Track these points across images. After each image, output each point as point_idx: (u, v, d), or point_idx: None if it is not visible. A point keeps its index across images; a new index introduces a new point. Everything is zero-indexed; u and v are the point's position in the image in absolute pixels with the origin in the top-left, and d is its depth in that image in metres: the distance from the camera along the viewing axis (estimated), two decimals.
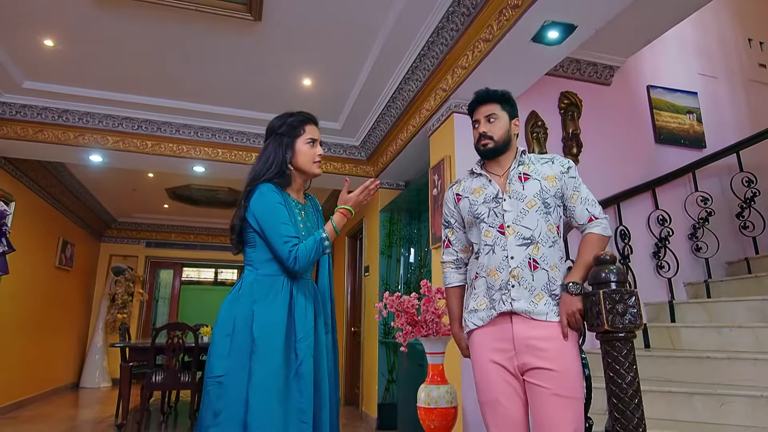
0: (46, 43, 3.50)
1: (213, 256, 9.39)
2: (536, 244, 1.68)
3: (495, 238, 1.72)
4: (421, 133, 3.94)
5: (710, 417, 2.36)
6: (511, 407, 1.64)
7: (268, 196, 1.71)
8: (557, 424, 1.55)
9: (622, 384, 1.52)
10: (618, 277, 1.58)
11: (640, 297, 3.54)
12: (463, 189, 1.88)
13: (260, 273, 1.71)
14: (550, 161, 1.80)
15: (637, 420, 1.47)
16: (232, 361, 1.58)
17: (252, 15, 3.11)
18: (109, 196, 7.30)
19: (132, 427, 4.63)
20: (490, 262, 1.72)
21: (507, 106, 1.83)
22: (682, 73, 4.26)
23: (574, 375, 1.60)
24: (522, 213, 1.71)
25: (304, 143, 1.85)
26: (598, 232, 1.71)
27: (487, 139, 1.79)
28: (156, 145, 4.60)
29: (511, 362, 1.65)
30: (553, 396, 1.56)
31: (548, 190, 1.73)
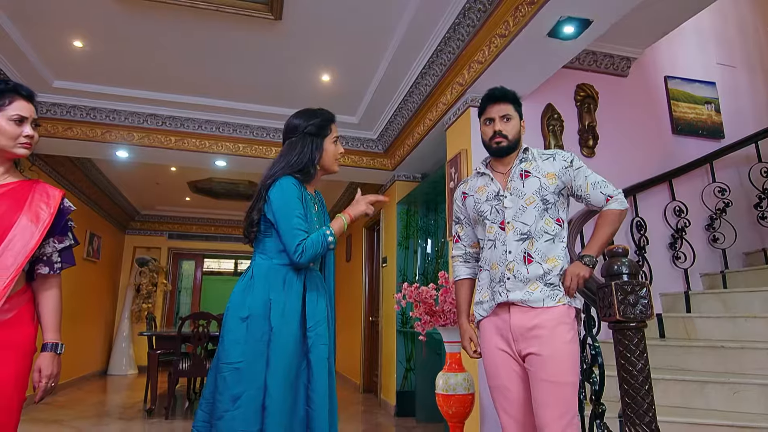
0: (75, 44, 3.64)
1: (233, 248, 9.59)
2: (531, 239, 1.76)
3: (496, 233, 1.81)
4: (437, 127, 4.00)
5: (723, 405, 2.42)
6: (516, 391, 1.74)
7: (287, 189, 1.75)
8: (544, 408, 1.63)
9: (633, 371, 1.59)
10: (630, 269, 1.65)
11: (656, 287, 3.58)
12: (469, 188, 1.97)
13: (275, 262, 1.76)
14: (552, 157, 1.86)
15: (647, 405, 1.55)
16: (249, 348, 1.64)
17: (273, 14, 3.19)
18: (133, 190, 7.51)
19: (160, 412, 4.82)
20: (492, 256, 1.82)
21: (518, 106, 1.91)
22: (701, 63, 4.23)
23: (562, 360, 1.66)
24: (521, 210, 1.79)
25: (331, 142, 1.93)
26: (615, 207, 1.80)
27: (501, 137, 1.85)
28: (179, 141, 4.74)
29: (513, 349, 1.74)
30: (542, 381, 1.64)
31: (547, 187, 1.80)
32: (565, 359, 1.66)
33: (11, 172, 1.55)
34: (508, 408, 1.75)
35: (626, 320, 1.60)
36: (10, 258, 1.39)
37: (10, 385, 1.39)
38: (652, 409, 1.56)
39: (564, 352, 1.66)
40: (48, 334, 1.53)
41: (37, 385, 1.50)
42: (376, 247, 6.21)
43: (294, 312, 1.70)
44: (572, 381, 1.66)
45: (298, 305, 1.72)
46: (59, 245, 1.56)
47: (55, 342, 1.53)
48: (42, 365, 1.50)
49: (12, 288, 1.40)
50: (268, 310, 1.68)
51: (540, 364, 1.66)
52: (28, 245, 1.43)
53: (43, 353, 1.52)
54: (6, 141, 1.48)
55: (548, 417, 1.61)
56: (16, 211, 1.45)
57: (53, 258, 1.55)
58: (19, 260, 1.41)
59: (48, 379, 1.50)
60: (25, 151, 1.52)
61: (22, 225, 1.44)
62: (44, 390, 1.50)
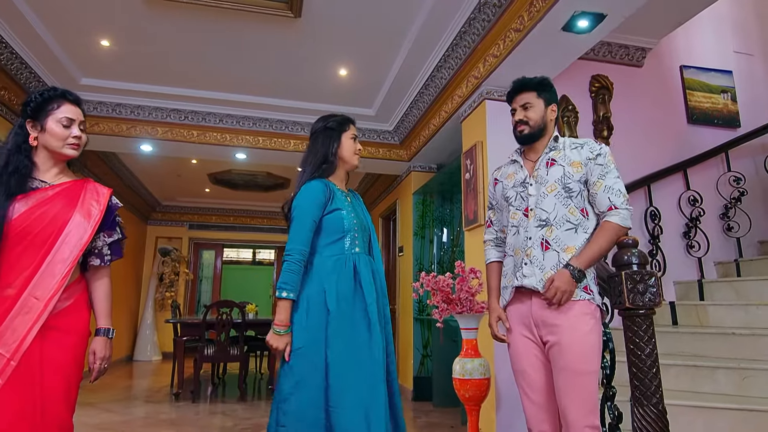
0: (102, 43, 3.78)
1: (251, 237, 9.78)
2: (550, 227, 1.79)
3: (520, 220, 1.87)
4: (453, 119, 4.07)
5: (732, 389, 2.49)
6: (536, 376, 1.81)
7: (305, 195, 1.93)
8: (566, 395, 1.69)
9: (642, 355, 1.68)
10: (639, 259, 1.73)
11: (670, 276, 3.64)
12: (501, 174, 2.04)
13: (324, 255, 1.93)
14: (580, 146, 1.86)
15: (654, 387, 1.65)
16: (309, 335, 1.81)
17: (292, 12, 3.28)
18: (155, 182, 7.70)
19: (186, 396, 5.03)
20: (515, 242, 1.88)
21: (543, 93, 1.91)
22: (717, 51, 4.23)
23: (581, 349, 1.69)
24: (542, 196, 1.83)
25: (348, 138, 2.10)
26: (615, 221, 1.74)
27: (522, 125, 1.90)
28: (201, 135, 4.88)
29: (535, 335, 1.81)
30: (562, 369, 1.70)
31: (572, 175, 1.81)
32: (583, 349, 1.69)
33: (65, 172, 1.68)
34: (530, 392, 1.83)
35: (635, 308, 1.69)
36: (67, 251, 1.53)
37: (70, 365, 1.53)
38: (659, 391, 1.65)
39: (583, 342, 1.70)
40: (101, 320, 1.67)
41: (92, 366, 1.64)
42: (393, 236, 6.31)
43: (347, 294, 1.88)
44: (591, 370, 1.69)
45: (350, 288, 1.89)
46: (109, 239, 1.70)
47: (107, 327, 1.67)
48: (96, 348, 1.64)
49: (69, 278, 1.54)
50: (324, 298, 1.85)
51: (559, 353, 1.71)
52: (82, 239, 1.56)
53: (96, 338, 1.66)
54: (56, 142, 1.61)
55: (570, 404, 1.68)
56: (71, 209, 1.58)
57: (104, 251, 1.69)
58: (74, 253, 1.55)
59: (101, 360, 1.64)
60: (73, 151, 1.64)
61: (76, 221, 1.57)
62: (98, 371, 1.65)
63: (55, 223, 1.54)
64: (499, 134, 3.42)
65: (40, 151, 1.62)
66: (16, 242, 1.49)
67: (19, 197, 1.52)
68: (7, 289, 1.46)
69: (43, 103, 1.61)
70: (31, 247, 1.50)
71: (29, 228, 1.50)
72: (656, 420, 1.63)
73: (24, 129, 1.60)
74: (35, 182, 1.60)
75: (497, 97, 3.50)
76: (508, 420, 3.11)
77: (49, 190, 1.59)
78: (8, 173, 1.53)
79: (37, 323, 1.45)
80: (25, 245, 1.50)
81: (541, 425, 1.79)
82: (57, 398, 1.51)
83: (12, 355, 1.42)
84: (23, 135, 1.60)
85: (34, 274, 1.48)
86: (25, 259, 1.49)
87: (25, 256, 1.49)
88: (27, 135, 1.60)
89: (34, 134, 1.60)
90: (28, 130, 1.60)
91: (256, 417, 4.23)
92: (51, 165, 1.64)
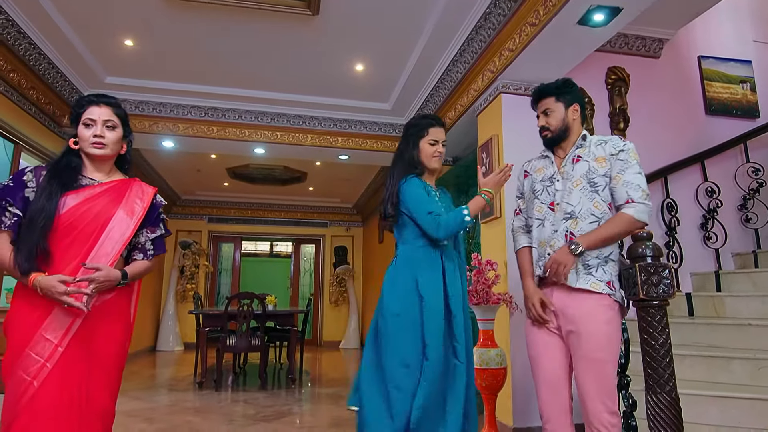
0: (126, 43, 3.89)
1: (269, 230, 9.93)
2: (575, 219, 1.86)
3: (545, 213, 1.94)
4: (469, 113, 4.11)
5: (747, 379, 2.52)
6: (549, 364, 1.87)
7: (412, 185, 2.09)
8: (584, 383, 1.76)
9: (655, 345, 1.73)
10: (653, 252, 1.77)
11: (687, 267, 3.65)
12: (531, 167, 2.10)
13: (416, 245, 2.08)
14: (605, 143, 1.92)
15: (668, 375, 1.69)
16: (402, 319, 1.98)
17: (310, 10, 3.35)
18: (175, 177, 7.86)
19: (209, 384, 5.18)
20: (540, 234, 1.95)
21: (562, 96, 1.97)
22: (736, 41, 4.19)
23: (599, 339, 1.75)
24: (568, 191, 1.89)
25: (427, 143, 2.20)
26: (629, 213, 1.78)
27: (545, 131, 2.00)
28: (221, 130, 4.99)
29: (555, 324, 1.87)
30: (581, 358, 1.77)
31: (596, 170, 1.87)
32: (601, 338, 1.75)
33: (114, 172, 1.79)
34: (544, 379, 1.89)
35: (649, 299, 1.74)
36: (110, 246, 1.63)
37: (113, 355, 1.64)
38: (673, 379, 1.70)
39: (601, 331, 1.75)
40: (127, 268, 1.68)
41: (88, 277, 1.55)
42: None
43: (437, 283, 2.02)
44: (609, 359, 1.76)
45: (440, 279, 2.03)
46: (152, 235, 1.80)
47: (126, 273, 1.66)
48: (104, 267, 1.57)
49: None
50: (416, 286, 2.00)
51: (578, 342, 1.78)
52: (124, 235, 1.66)
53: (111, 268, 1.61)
54: (82, 143, 1.71)
55: (588, 391, 1.74)
56: (115, 206, 1.68)
57: (147, 246, 1.78)
58: (117, 248, 1.64)
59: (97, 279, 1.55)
60: (96, 150, 1.70)
61: (119, 217, 1.67)
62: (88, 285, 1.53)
63: (99, 218, 1.64)
64: (515, 128, 3.46)
65: (83, 154, 1.73)
66: (64, 235, 1.59)
67: (70, 193, 1.63)
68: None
69: (75, 109, 1.73)
70: (77, 241, 1.60)
71: (76, 222, 1.61)
72: (669, 407, 1.68)
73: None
74: (85, 180, 1.70)
75: (513, 90, 3.53)
76: (523, 408, 3.18)
77: (98, 187, 1.69)
78: (61, 168, 1.66)
79: (81, 313, 1.55)
80: (72, 238, 1.60)
81: (553, 411, 1.85)
82: (100, 386, 1.61)
83: (59, 341, 1.53)
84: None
85: (77, 269, 1.58)
86: (72, 251, 1.59)
87: (73, 249, 1.59)
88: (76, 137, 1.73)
89: (73, 138, 1.72)
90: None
91: (277, 405, 4.35)
92: (97, 165, 1.74)
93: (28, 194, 1.62)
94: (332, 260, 9.99)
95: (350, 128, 5.22)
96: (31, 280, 1.53)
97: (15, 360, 1.51)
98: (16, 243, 1.57)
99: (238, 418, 3.87)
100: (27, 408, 1.48)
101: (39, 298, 1.54)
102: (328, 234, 10.08)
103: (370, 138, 5.31)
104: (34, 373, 1.50)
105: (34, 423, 1.47)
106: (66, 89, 4.43)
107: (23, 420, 1.48)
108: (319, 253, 10.15)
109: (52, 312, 1.54)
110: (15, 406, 1.49)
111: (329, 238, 10.07)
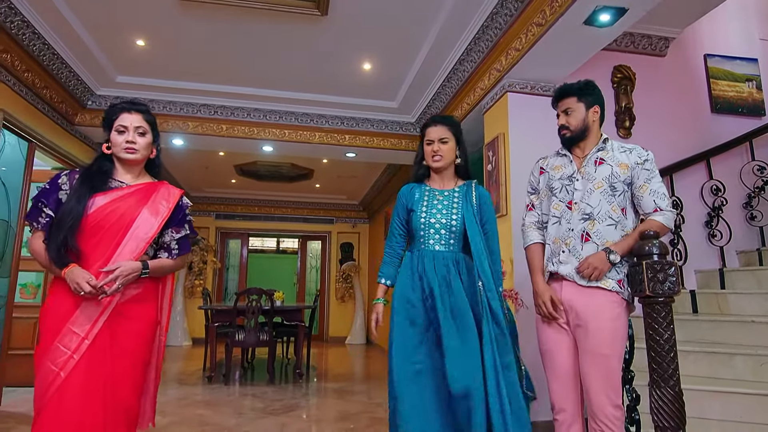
0: (138, 43, 3.95)
1: (276, 227, 10.01)
2: (593, 221, 1.91)
3: (562, 211, 1.99)
4: (475, 111, 4.14)
5: (749, 375, 2.57)
6: (562, 358, 1.93)
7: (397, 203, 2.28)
8: (589, 376, 1.82)
9: (660, 340, 1.78)
10: (660, 250, 1.82)
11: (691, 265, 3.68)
12: (548, 164, 2.14)
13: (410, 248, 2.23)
14: (629, 151, 1.97)
15: (672, 370, 1.74)
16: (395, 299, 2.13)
17: (319, 11, 3.39)
18: (184, 174, 7.94)
19: (218, 379, 5.27)
20: (555, 231, 2.00)
21: (584, 97, 2.02)
22: (742, 39, 4.20)
23: (605, 334, 1.82)
24: (588, 192, 1.94)
25: (425, 144, 2.26)
26: (660, 221, 1.87)
27: (564, 129, 2.04)
28: (230, 128, 5.05)
29: (563, 318, 1.93)
30: (586, 352, 1.84)
31: (618, 175, 1.92)
32: (608, 333, 1.82)
33: (143, 175, 1.87)
34: (555, 372, 1.95)
35: (655, 295, 1.78)
36: (134, 244, 1.70)
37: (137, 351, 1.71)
38: (677, 374, 1.75)
39: (608, 327, 1.83)
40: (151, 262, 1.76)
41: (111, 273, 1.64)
42: None
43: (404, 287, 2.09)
44: (615, 354, 1.83)
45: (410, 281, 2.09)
46: (176, 235, 1.86)
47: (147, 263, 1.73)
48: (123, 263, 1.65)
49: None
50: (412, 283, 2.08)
51: (585, 336, 1.84)
52: (148, 234, 1.73)
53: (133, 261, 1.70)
54: (115, 148, 1.79)
55: (593, 384, 1.81)
56: (140, 206, 1.75)
57: (172, 245, 1.85)
58: (141, 246, 1.71)
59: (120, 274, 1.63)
60: (128, 155, 1.78)
61: (144, 217, 1.74)
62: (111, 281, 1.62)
63: (125, 218, 1.71)
64: (522, 126, 3.50)
65: (114, 158, 1.81)
66: (92, 234, 1.67)
67: (99, 194, 1.71)
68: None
69: (109, 114, 1.81)
70: (104, 240, 1.68)
71: (102, 222, 1.68)
72: (673, 401, 1.73)
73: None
74: (114, 182, 1.79)
75: (519, 89, 3.57)
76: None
77: (125, 189, 1.77)
78: (93, 172, 1.75)
79: (107, 308, 1.62)
80: (99, 237, 1.68)
81: (564, 403, 1.92)
82: (125, 381, 1.67)
83: (86, 334, 1.60)
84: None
85: (105, 264, 1.65)
86: (99, 250, 1.67)
87: (100, 248, 1.67)
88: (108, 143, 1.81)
89: (106, 144, 1.80)
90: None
91: (285, 399, 4.42)
92: (127, 169, 1.83)
93: (62, 196, 1.71)
94: (338, 256, 10.06)
95: (357, 126, 5.27)
96: (65, 271, 1.62)
97: (45, 351, 1.58)
98: (47, 241, 1.66)
99: (248, 412, 3.94)
100: (54, 398, 1.55)
101: (69, 293, 1.61)
102: (334, 230, 10.14)
103: (377, 136, 5.35)
104: (62, 364, 1.57)
105: (61, 413, 1.54)
106: (78, 88, 4.50)
107: (51, 410, 1.55)
108: (325, 249, 10.22)
109: (80, 306, 1.62)
110: (43, 396, 1.56)
111: (335, 235, 10.14)
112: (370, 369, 6.45)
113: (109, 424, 1.61)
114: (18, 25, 3.50)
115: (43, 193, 1.72)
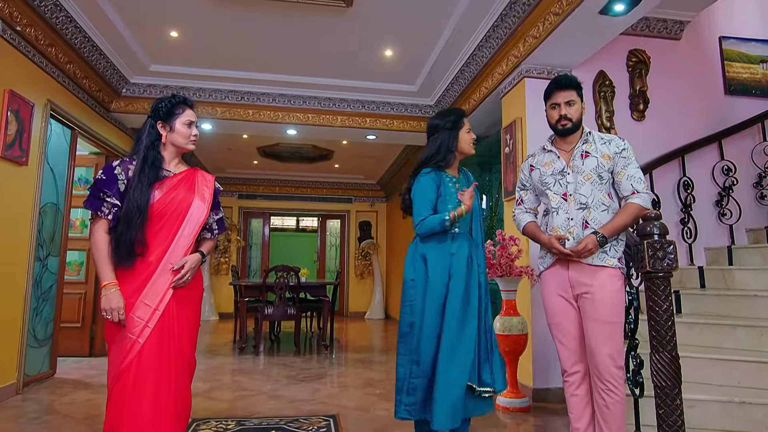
0: (172, 34, 4.16)
1: (295, 206, 10.29)
2: (589, 209, 2.12)
3: (559, 203, 2.19)
4: (493, 95, 4.30)
5: (750, 344, 2.76)
6: (570, 327, 2.16)
7: (421, 182, 2.29)
8: (594, 342, 2.04)
9: (659, 311, 1.99)
10: (660, 230, 2.01)
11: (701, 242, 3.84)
12: (536, 162, 2.33)
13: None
14: (608, 142, 2.17)
15: (669, 337, 1.96)
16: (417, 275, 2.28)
17: (344, 2, 3.56)
18: (207, 155, 8.21)
19: (248, 350, 5.61)
20: (555, 221, 2.20)
21: (580, 91, 2.21)
22: (758, 21, 4.25)
23: (609, 303, 2.03)
24: (580, 184, 2.15)
25: (465, 132, 2.39)
26: (638, 203, 2.07)
27: (566, 120, 2.19)
28: (256, 113, 5.27)
29: (570, 294, 2.15)
30: (591, 320, 2.05)
31: (603, 165, 2.13)
32: (611, 303, 2.04)
33: (181, 162, 2.08)
34: (564, 341, 2.18)
35: (655, 271, 1.99)
36: (189, 228, 1.95)
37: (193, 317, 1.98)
38: (674, 340, 1.97)
39: (611, 297, 2.05)
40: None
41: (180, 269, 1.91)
42: None
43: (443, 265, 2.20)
44: (618, 321, 2.06)
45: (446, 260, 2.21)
46: (216, 216, 2.12)
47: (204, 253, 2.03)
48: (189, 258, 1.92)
49: (191, 249, 1.96)
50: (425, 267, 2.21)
51: (591, 306, 2.06)
52: (200, 218, 1.97)
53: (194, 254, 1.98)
54: (182, 140, 2.00)
55: (598, 347, 2.03)
56: (191, 194, 1.98)
57: (213, 226, 2.11)
58: (195, 229, 1.96)
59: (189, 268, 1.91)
60: (193, 146, 2.03)
61: (196, 204, 1.97)
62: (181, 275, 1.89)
63: (182, 205, 1.95)
64: (539, 111, 3.61)
65: (167, 147, 2.01)
66: (156, 221, 1.91)
67: (156, 185, 1.93)
68: (150, 257, 1.89)
69: (172, 108, 1.99)
70: (165, 227, 1.92)
71: (165, 210, 1.92)
72: (670, 364, 1.95)
73: (155, 129, 1.99)
74: (163, 172, 2.00)
75: (536, 75, 3.71)
76: (542, 371, 3.48)
77: (174, 178, 1.99)
78: (148, 166, 1.93)
79: (172, 284, 1.88)
80: (162, 223, 1.91)
81: (574, 367, 2.16)
82: (187, 342, 1.95)
83: (157, 305, 1.86)
84: (155, 134, 1.99)
85: (169, 245, 1.90)
86: (162, 234, 1.91)
87: (163, 232, 1.91)
88: (159, 134, 1.98)
89: (164, 133, 1.99)
90: (159, 130, 1.99)
91: (314, 368, 4.75)
92: (173, 157, 2.04)
93: (120, 186, 1.90)
94: (357, 235, 10.34)
95: (378, 110, 5.45)
96: (105, 284, 1.82)
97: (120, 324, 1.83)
98: (113, 235, 1.85)
99: (281, 378, 4.26)
100: (134, 362, 1.81)
101: (139, 273, 1.86)
102: (352, 209, 10.40)
103: (396, 119, 5.53)
104: (138, 332, 1.83)
105: (142, 373, 1.81)
106: (114, 77, 4.75)
107: (132, 372, 1.80)
108: (344, 227, 10.50)
109: (149, 283, 1.87)
110: (122, 362, 1.81)
111: (354, 214, 10.40)
112: (389, 341, 6.76)
113: (180, 380, 1.89)
114: (62, 20, 3.73)
115: (104, 183, 1.88)
